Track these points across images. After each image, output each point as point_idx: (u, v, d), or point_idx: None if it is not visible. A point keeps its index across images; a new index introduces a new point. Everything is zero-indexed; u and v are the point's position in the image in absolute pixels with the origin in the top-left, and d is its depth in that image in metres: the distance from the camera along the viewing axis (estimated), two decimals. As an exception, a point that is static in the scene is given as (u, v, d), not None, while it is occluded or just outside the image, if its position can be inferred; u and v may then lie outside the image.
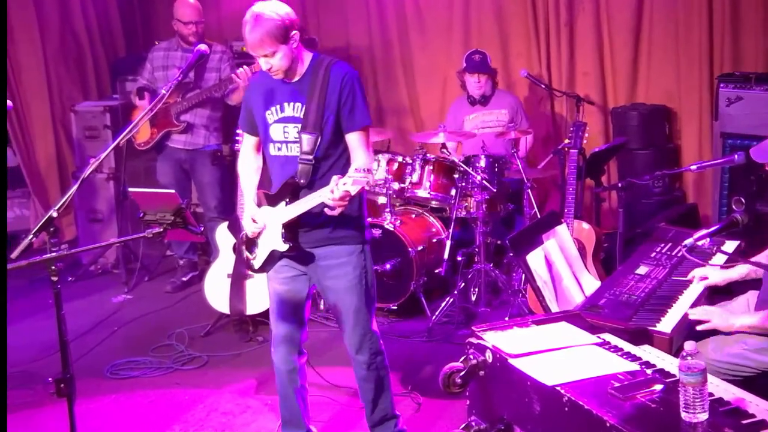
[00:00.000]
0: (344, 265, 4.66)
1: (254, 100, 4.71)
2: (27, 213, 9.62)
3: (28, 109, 9.37)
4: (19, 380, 6.30)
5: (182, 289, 8.06)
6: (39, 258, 3.72)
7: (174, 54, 7.75)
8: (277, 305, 4.85)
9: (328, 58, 4.64)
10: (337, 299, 4.73)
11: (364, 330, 4.79)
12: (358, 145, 4.53)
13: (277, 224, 4.58)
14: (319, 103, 4.48)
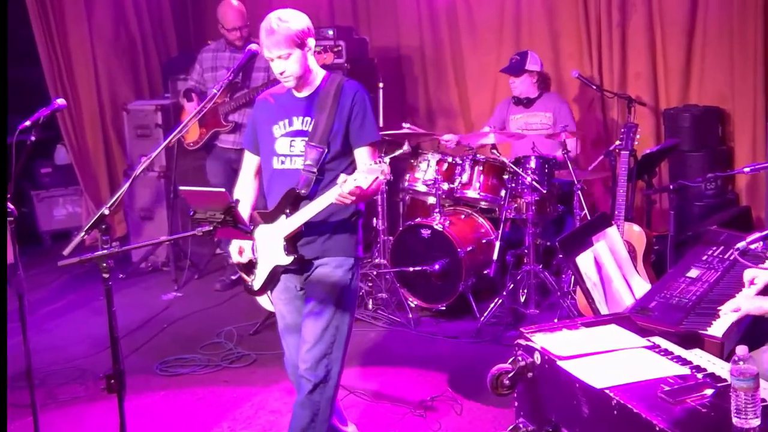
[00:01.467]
0: (329, 276, 4.53)
1: (260, 117, 4.70)
2: (79, 210, 9.73)
3: (80, 108, 9.48)
4: (71, 375, 6.38)
5: (231, 288, 8.09)
6: (90, 255, 3.75)
7: (222, 55, 7.80)
8: (284, 327, 4.77)
9: (340, 76, 4.64)
10: (311, 311, 4.53)
11: (326, 350, 4.50)
12: (366, 160, 4.47)
13: (277, 239, 4.52)
14: (328, 117, 4.47)
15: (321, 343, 4.49)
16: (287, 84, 4.51)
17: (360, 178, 4.12)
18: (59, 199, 9.79)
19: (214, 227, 3.88)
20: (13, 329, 6.91)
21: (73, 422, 5.72)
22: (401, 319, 7.00)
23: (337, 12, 9.64)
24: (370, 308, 7.21)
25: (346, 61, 8.38)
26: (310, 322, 4.51)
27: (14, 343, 6.70)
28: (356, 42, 8.71)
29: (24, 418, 5.39)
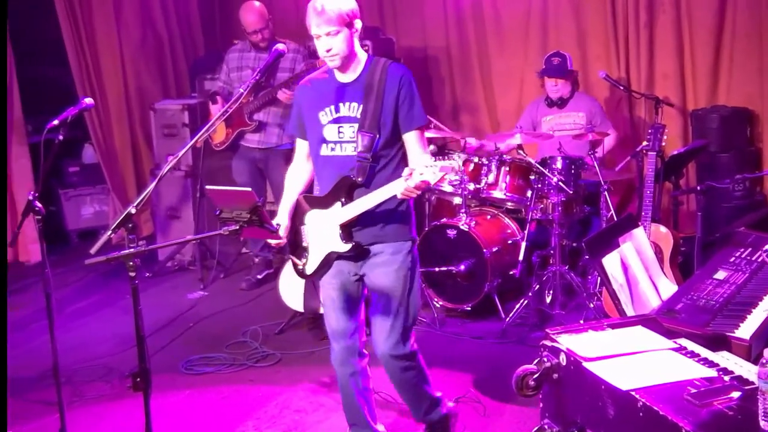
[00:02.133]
0: (390, 264, 4.61)
1: (305, 103, 4.70)
2: (106, 209, 9.78)
3: (107, 108, 9.53)
4: (97, 373, 6.41)
5: (257, 287, 8.11)
6: (117, 254, 3.76)
7: (248, 55, 7.82)
8: (332, 312, 4.80)
9: (383, 59, 4.63)
10: (380, 297, 4.67)
11: (402, 330, 4.70)
12: (415, 144, 4.55)
13: (332, 225, 4.56)
14: (377, 103, 4.47)
15: (396, 327, 4.65)
16: (332, 63, 4.50)
17: (427, 173, 4.14)
18: (86, 198, 9.84)
19: (240, 226, 3.89)
20: (40, 327, 6.98)
21: (99, 420, 5.75)
22: (426, 319, 6.99)
23: (364, 12, 9.54)
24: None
25: (372, 59, 8.38)
26: (381, 310, 4.66)
27: (42, 341, 6.78)
28: (382, 42, 8.71)
29: (51, 415, 5.43)
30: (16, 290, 8.29)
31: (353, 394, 4.91)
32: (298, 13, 9.72)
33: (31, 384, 6.24)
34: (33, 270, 8.77)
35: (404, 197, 4.31)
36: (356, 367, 4.87)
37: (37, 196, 4.63)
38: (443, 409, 5.08)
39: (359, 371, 4.88)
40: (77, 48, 9.14)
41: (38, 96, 9.32)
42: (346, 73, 4.56)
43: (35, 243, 8.68)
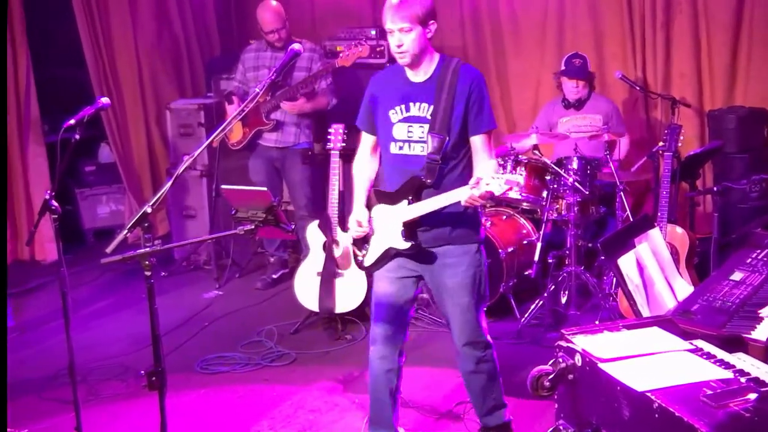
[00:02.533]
0: (459, 264, 4.71)
1: (377, 98, 4.78)
2: (122, 208, 9.80)
3: (124, 107, 9.54)
4: (113, 372, 6.43)
5: (272, 287, 8.12)
6: (133, 253, 3.77)
7: (264, 54, 7.83)
8: (382, 305, 4.88)
9: (455, 59, 4.68)
10: (450, 297, 4.77)
11: (473, 328, 4.82)
12: (482, 148, 4.62)
13: (396, 222, 4.66)
14: (447, 105, 4.53)
15: (467, 325, 4.80)
16: (401, 60, 4.58)
17: (493, 184, 4.22)
18: (103, 197, 9.86)
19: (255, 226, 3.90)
20: (56, 326, 7.02)
21: (114, 418, 5.77)
22: (442, 319, 6.98)
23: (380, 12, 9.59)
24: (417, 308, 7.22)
25: (389, 60, 8.38)
26: (453, 308, 4.79)
27: (57, 340, 6.81)
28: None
29: (66, 414, 5.42)
30: (32, 289, 8.32)
31: (385, 392, 4.95)
32: (313, 12, 9.76)
33: (46, 382, 6.26)
34: (49, 269, 8.79)
35: (467, 205, 4.40)
36: (394, 365, 4.94)
37: (53, 195, 4.65)
38: (506, 415, 5.11)
39: (396, 369, 4.95)
40: (94, 48, 9.16)
41: (55, 95, 9.35)
42: (417, 72, 4.64)
43: (51, 242, 8.69)
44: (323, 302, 6.86)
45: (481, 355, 4.89)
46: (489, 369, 4.94)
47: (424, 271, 4.78)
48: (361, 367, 6.32)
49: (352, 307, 6.87)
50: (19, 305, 7.83)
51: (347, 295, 6.84)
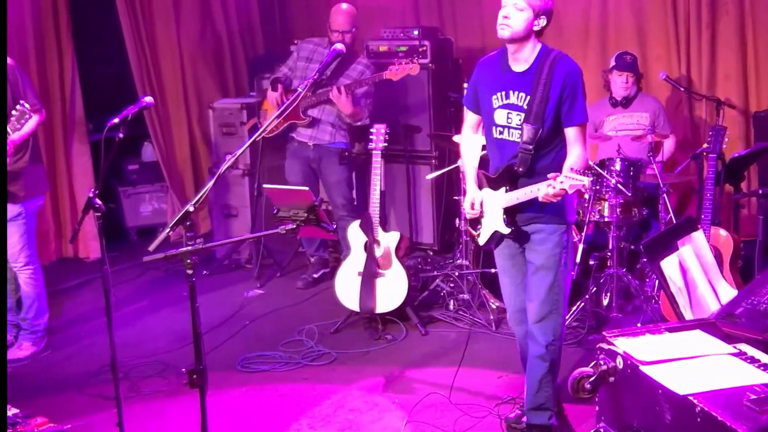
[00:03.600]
0: (546, 242, 4.92)
1: (482, 82, 5.01)
2: (164, 207, 9.85)
3: (167, 106, 9.59)
4: (154, 370, 6.46)
5: (313, 286, 8.13)
6: (175, 251, 3.79)
7: (322, 50, 7.83)
8: (506, 279, 5.21)
9: (555, 51, 4.82)
10: (534, 273, 4.97)
11: (552, 307, 4.97)
12: (574, 140, 4.78)
13: (498, 208, 4.90)
14: (542, 96, 4.71)
15: (546, 302, 4.96)
16: (500, 32, 4.74)
17: (566, 183, 4.39)
18: (145, 196, 9.92)
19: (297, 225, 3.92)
20: (99, 323, 7.07)
21: (155, 415, 5.80)
22: (483, 320, 6.98)
23: (423, 12, 9.62)
24: (451, 309, 7.20)
25: (431, 61, 8.38)
26: (534, 284, 4.99)
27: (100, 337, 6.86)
28: (441, 42, 8.70)
29: (108, 410, 5.47)
30: (76, 286, 8.39)
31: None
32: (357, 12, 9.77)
33: (89, 378, 6.31)
34: (92, 266, 8.85)
35: (544, 201, 4.55)
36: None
37: (97, 193, 4.68)
38: (554, 420, 5.16)
39: None
40: (137, 47, 9.22)
41: (99, 95, 9.43)
42: (518, 61, 4.82)
43: (95, 240, 8.78)
44: (364, 302, 6.87)
45: (551, 339, 5.01)
46: (553, 359, 5.05)
47: (525, 247, 5.02)
48: (401, 367, 6.33)
49: (393, 308, 6.87)
50: (62, 302, 7.89)
51: (388, 296, 6.84)
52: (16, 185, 6.38)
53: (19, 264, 6.59)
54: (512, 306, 5.25)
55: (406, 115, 8.58)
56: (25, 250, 6.56)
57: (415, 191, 8.70)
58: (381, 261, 6.88)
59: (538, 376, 5.06)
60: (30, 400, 5.94)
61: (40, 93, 7.12)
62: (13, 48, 7.90)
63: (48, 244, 9.01)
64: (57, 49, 8.84)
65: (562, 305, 5.03)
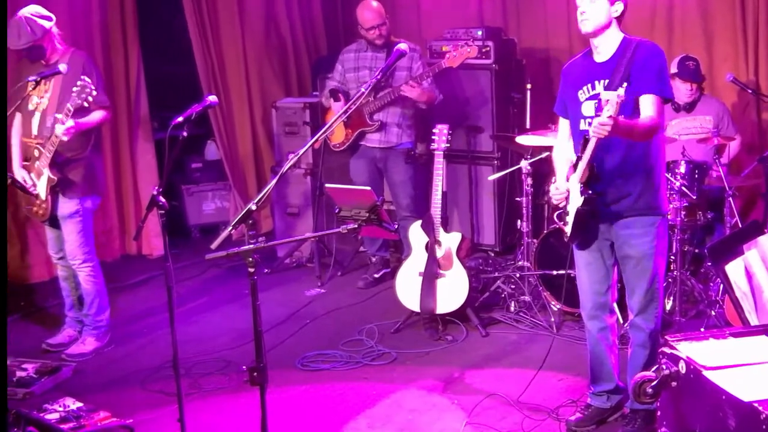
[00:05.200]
0: (643, 235, 4.99)
1: (568, 82, 5.16)
2: (227, 205, 9.92)
3: (230, 105, 9.66)
4: (215, 366, 6.51)
5: (374, 286, 8.14)
6: (237, 249, 3.82)
7: (364, 55, 7.85)
8: (585, 272, 5.28)
9: (637, 39, 4.94)
10: (634, 267, 5.05)
11: (653, 296, 5.08)
12: (646, 106, 4.83)
13: (576, 184, 4.93)
14: (622, 77, 4.79)
15: (648, 292, 5.07)
16: (582, 27, 4.93)
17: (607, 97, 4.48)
18: (208, 194, 9.99)
19: (358, 225, 3.92)
20: (161, 320, 7.15)
21: (216, 412, 5.84)
22: (543, 322, 6.94)
23: (486, 13, 9.59)
24: (512, 310, 7.17)
25: (494, 61, 8.35)
26: (635, 277, 5.09)
27: (162, 333, 6.94)
28: (504, 43, 8.67)
29: (169, 406, 5.54)
30: (139, 283, 8.48)
31: (602, 348, 5.34)
32: (419, 13, 9.76)
33: (151, 374, 6.37)
34: (155, 263, 8.94)
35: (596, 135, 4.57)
36: (606, 323, 5.32)
37: (160, 191, 4.73)
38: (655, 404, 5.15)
39: (608, 327, 5.32)
40: (203, 46, 9.29)
41: (164, 93, 9.52)
42: (600, 52, 4.97)
43: (158, 237, 8.86)
44: (424, 302, 6.86)
45: (653, 328, 5.12)
46: (653, 346, 5.08)
47: (614, 239, 5.09)
48: (461, 368, 6.31)
49: (453, 308, 6.86)
50: (125, 298, 7.98)
51: (448, 296, 6.83)
52: (76, 174, 6.46)
53: (77, 261, 6.68)
54: (590, 301, 5.30)
55: (469, 115, 8.56)
56: (83, 248, 6.64)
57: (477, 192, 8.68)
58: (442, 261, 6.87)
59: (640, 363, 5.13)
60: (93, 394, 6.02)
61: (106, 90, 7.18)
62: (80, 45, 8.00)
63: (112, 241, 9.12)
64: (123, 47, 8.95)
65: (660, 294, 5.15)
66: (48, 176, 6.33)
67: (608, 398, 5.40)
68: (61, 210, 6.52)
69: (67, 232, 6.58)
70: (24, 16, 6.29)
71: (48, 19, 6.38)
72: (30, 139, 6.47)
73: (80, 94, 6.02)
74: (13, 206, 8.00)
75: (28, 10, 6.35)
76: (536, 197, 7.57)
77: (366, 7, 7.72)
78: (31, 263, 8.41)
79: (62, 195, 6.47)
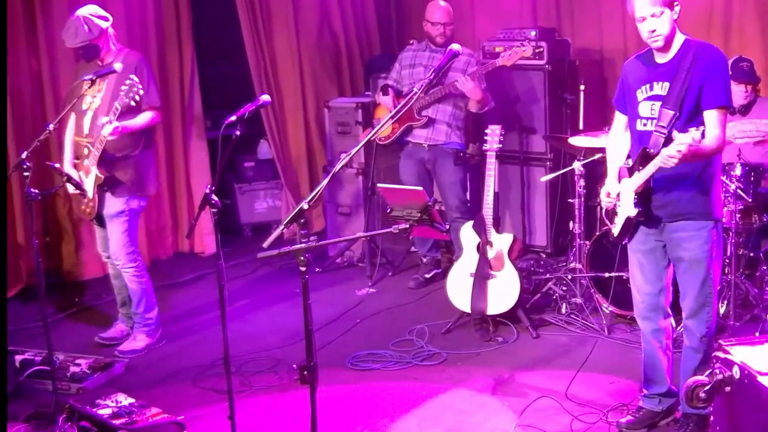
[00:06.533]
0: (695, 239, 4.97)
1: (630, 79, 5.11)
2: (279, 204, 9.96)
3: (283, 104, 9.70)
4: (267, 364, 6.55)
5: (425, 286, 8.13)
6: (289, 248, 3.83)
7: (422, 54, 7.86)
8: (639, 274, 5.25)
9: (697, 41, 4.92)
10: (686, 270, 5.05)
11: (705, 300, 5.05)
12: (712, 123, 4.79)
13: (630, 192, 4.95)
14: (683, 82, 4.78)
15: (700, 296, 5.05)
16: (655, 44, 4.89)
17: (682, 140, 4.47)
18: (260, 193, 10.03)
19: (410, 225, 3.92)
20: (212, 317, 7.20)
21: (266, 410, 5.87)
22: (595, 324, 6.90)
23: (540, 13, 9.55)
24: (563, 312, 7.14)
25: (548, 62, 8.31)
26: (687, 280, 5.08)
27: (214, 331, 6.99)
28: (558, 43, 8.63)
29: (220, 403, 5.58)
30: (191, 281, 8.54)
31: (655, 350, 5.32)
32: (473, 13, 9.74)
33: (203, 372, 6.41)
34: (207, 261, 9.00)
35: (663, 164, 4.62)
36: (659, 325, 5.30)
37: (213, 189, 4.75)
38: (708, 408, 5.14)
39: (662, 329, 5.31)
40: (256, 46, 9.34)
41: (217, 92, 9.58)
42: (663, 54, 4.94)
43: (210, 235, 8.90)
44: (475, 303, 6.85)
45: (704, 332, 5.08)
46: (706, 350, 5.04)
47: (666, 241, 5.07)
48: (511, 370, 6.29)
49: (505, 310, 6.84)
50: (177, 296, 8.05)
51: (499, 297, 6.81)
52: (123, 174, 6.53)
53: (120, 262, 6.74)
54: (642, 303, 5.28)
55: (522, 116, 8.53)
56: (126, 248, 6.69)
57: (529, 193, 8.65)
58: (493, 262, 6.85)
59: (692, 367, 5.11)
60: (145, 390, 6.08)
61: (160, 89, 7.26)
62: (135, 45, 8.09)
63: (165, 239, 9.21)
64: (177, 46, 9.03)
65: (714, 298, 5.10)
66: (96, 174, 6.40)
67: (660, 401, 5.36)
68: (107, 208, 6.58)
69: (111, 231, 6.64)
70: (82, 16, 6.37)
71: (105, 19, 6.46)
72: (81, 138, 6.54)
73: (128, 92, 6.09)
74: (69, 204, 8.11)
75: (86, 10, 6.43)
76: (589, 199, 7.52)
77: (437, 6, 7.76)
78: (85, 260, 8.52)
79: (109, 193, 6.54)
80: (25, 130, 7.94)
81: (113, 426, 5.25)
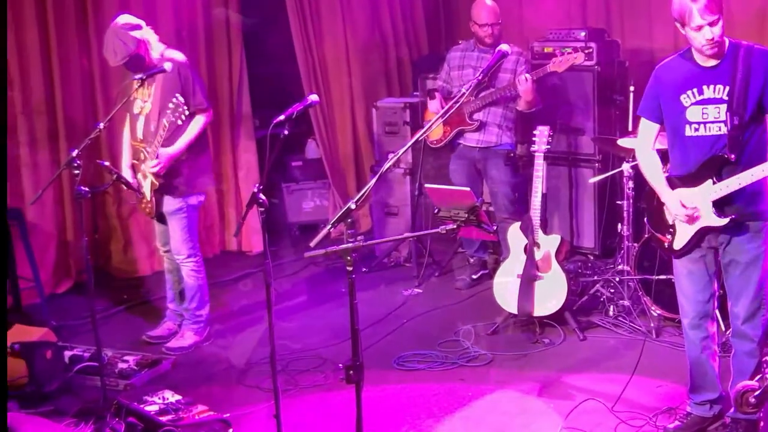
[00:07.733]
0: (751, 240, 4.92)
1: (666, 86, 4.98)
2: (326, 204, 9.97)
3: (331, 104, 9.72)
4: (312, 364, 6.56)
5: (471, 287, 8.11)
6: (336, 248, 3.84)
7: (470, 54, 7.83)
8: (687, 281, 5.17)
9: (745, 43, 4.85)
10: (742, 272, 4.97)
11: (760, 303, 5.00)
12: None
13: (704, 202, 4.86)
14: (743, 85, 4.72)
15: (756, 299, 5.00)
16: (711, 52, 4.76)
17: None
18: (308, 192, 10.05)
19: (457, 226, 3.91)
20: (259, 316, 7.23)
21: (311, 409, 5.89)
22: (643, 327, 6.84)
23: (590, 13, 9.49)
24: (611, 315, 7.09)
25: (597, 63, 8.25)
26: (741, 283, 5.01)
27: (260, 330, 7.01)
28: (608, 44, 8.57)
29: (266, 401, 5.60)
30: (238, 279, 8.57)
31: (705, 357, 5.24)
32: (521, 13, 9.70)
33: (249, 370, 6.44)
34: (254, 260, 9.04)
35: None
36: (709, 332, 5.23)
37: (261, 188, 4.77)
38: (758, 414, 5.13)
39: (711, 335, 5.24)
40: (305, 45, 9.36)
41: (266, 91, 9.61)
42: (709, 59, 4.83)
43: (258, 234, 8.94)
44: (522, 305, 6.82)
45: (761, 335, 5.04)
46: (759, 357, 5.03)
47: (721, 245, 5.00)
48: (557, 372, 6.26)
49: (551, 311, 6.81)
50: (225, 294, 8.08)
51: (546, 299, 6.78)
52: (178, 179, 6.59)
53: (182, 256, 6.80)
54: (693, 311, 5.20)
55: (570, 117, 8.48)
56: (187, 243, 6.76)
57: (578, 195, 8.59)
58: (540, 264, 6.82)
59: (748, 371, 5.04)
60: (192, 387, 6.12)
61: (209, 88, 7.31)
62: (184, 45, 8.14)
63: (213, 237, 9.26)
64: (227, 46, 9.08)
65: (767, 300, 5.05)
66: (151, 180, 6.47)
67: (711, 407, 5.30)
68: (165, 207, 6.65)
69: (172, 228, 6.72)
70: (114, 31, 6.35)
71: (138, 28, 6.41)
72: (137, 142, 6.61)
73: (174, 111, 6.13)
74: (117, 203, 8.19)
75: (118, 23, 6.38)
76: (637, 201, 7.46)
77: (482, 5, 7.71)
78: (134, 258, 8.59)
79: (166, 194, 6.60)
80: (76, 129, 8.02)
81: (160, 422, 5.29)
